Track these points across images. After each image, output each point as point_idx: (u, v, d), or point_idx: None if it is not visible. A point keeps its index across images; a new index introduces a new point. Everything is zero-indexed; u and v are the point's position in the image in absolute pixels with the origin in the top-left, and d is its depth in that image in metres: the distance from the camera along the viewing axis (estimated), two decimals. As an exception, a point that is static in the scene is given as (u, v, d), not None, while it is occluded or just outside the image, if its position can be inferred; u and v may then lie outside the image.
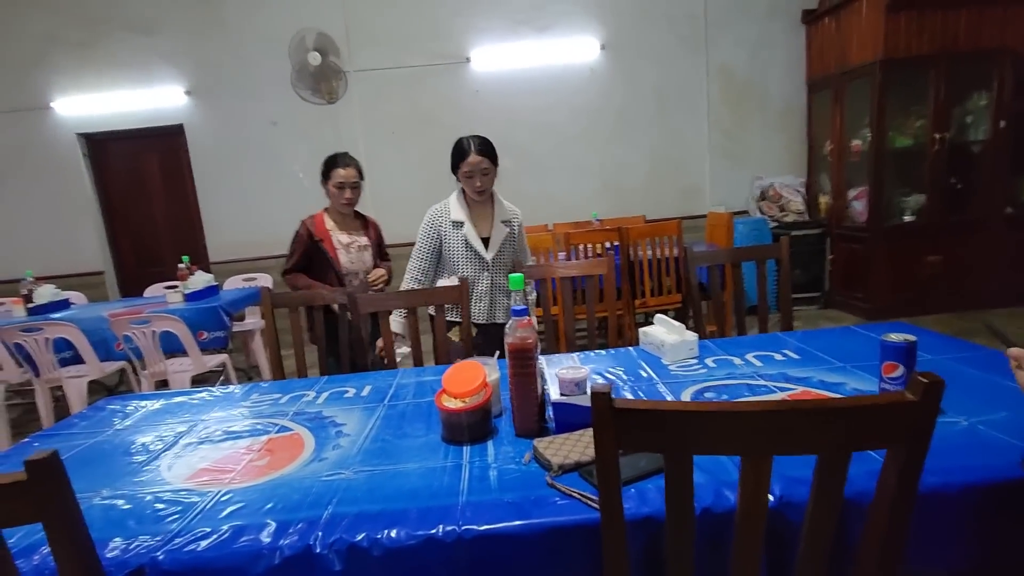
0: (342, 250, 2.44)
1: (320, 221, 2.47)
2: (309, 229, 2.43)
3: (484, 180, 2.05)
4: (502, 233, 2.12)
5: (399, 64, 4.83)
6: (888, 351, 1.08)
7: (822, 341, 1.54)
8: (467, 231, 2.09)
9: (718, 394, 1.23)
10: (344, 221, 2.52)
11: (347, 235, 2.48)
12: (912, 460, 0.65)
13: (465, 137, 2.07)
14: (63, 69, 4.75)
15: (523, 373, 1.10)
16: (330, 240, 2.43)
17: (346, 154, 2.49)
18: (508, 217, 2.15)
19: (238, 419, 1.36)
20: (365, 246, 2.52)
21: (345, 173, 2.40)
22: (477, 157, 2.01)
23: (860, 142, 4.40)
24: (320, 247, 2.40)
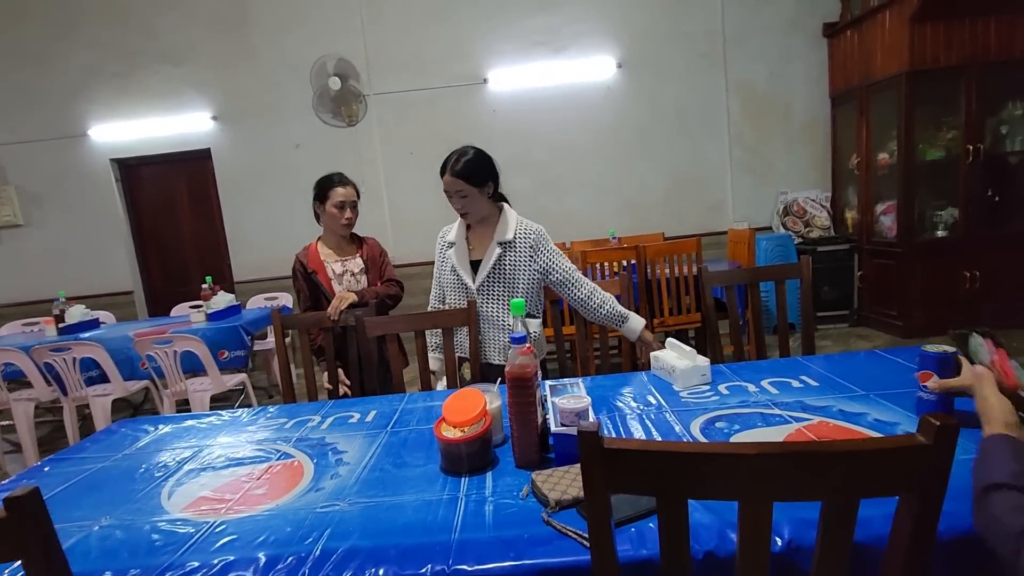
0: (335, 280, 2.28)
1: (314, 251, 2.32)
2: (302, 262, 2.28)
3: (464, 203, 1.81)
4: (493, 256, 1.82)
5: (417, 87, 4.91)
6: (926, 361, 1.10)
7: (844, 366, 1.47)
8: (452, 253, 1.90)
9: (729, 424, 1.18)
10: (341, 246, 2.34)
11: (341, 264, 2.31)
12: (926, 508, 0.60)
13: (450, 155, 1.83)
14: (100, 99, 4.96)
15: (523, 403, 1.07)
16: (324, 271, 2.27)
17: (341, 174, 2.33)
18: (508, 237, 1.82)
19: (242, 445, 1.36)
20: (360, 271, 2.33)
21: (345, 192, 2.24)
22: (449, 178, 1.79)
23: (888, 155, 4.28)
24: (314, 279, 2.26)
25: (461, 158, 1.79)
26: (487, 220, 1.88)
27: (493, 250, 1.83)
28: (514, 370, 1.07)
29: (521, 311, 1.19)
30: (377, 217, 5.05)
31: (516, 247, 1.84)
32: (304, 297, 2.30)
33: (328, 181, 2.27)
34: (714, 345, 1.95)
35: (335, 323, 2.03)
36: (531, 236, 1.84)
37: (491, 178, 1.83)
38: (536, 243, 1.84)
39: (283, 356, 1.99)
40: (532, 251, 1.84)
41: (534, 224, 1.88)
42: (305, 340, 1.98)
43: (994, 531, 0.68)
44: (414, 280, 5.08)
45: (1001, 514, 0.67)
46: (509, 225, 1.85)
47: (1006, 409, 0.85)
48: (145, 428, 1.56)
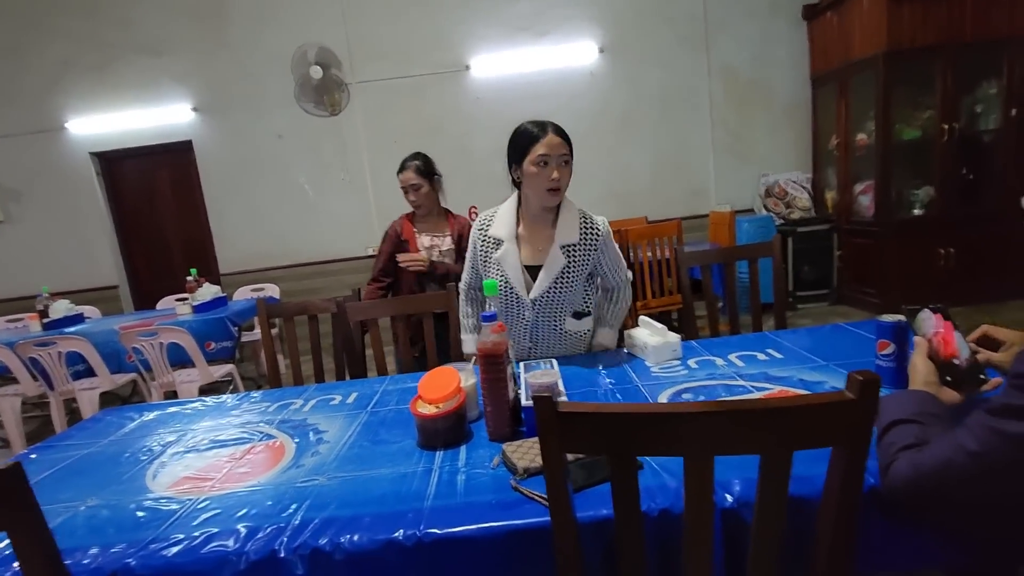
0: (423, 253, 2.32)
1: (408, 223, 2.40)
2: (397, 230, 2.38)
3: (563, 174, 1.47)
4: (556, 265, 1.50)
5: (400, 74, 4.89)
6: (882, 330, 1.18)
7: (809, 339, 1.53)
8: (503, 255, 1.53)
9: (695, 395, 1.23)
10: (428, 222, 2.39)
11: (430, 238, 2.37)
12: (854, 459, 0.64)
13: (532, 121, 1.52)
14: (77, 91, 4.89)
15: (494, 378, 1.11)
16: (415, 242, 2.34)
17: (412, 155, 2.35)
18: (572, 240, 1.51)
19: (225, 428, 1.39)
20: (448, 250, 2.35)
21: (404, 177, 2.32)
22: (556, 138, 1.46)
23: (866, 135, 4.34)
24: (406, 248, 2.32)
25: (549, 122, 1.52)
26: (548, 213, 1.56)
27: (556, 258, 1.51)
28: (486, 347, 1.11)
29: (494, 291, 1.23)
30: (362, 206, 5.05)
31: (580, 250, 1.53)
32: (384, 259, 2.35)
33: (400, 166, 2.34)
34: (690, 323, 2.00)
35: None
36: (600, 236, 1.55)
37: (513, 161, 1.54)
38: (604, 244, 1.56)
39: (268, 344, 2.02)
40: (598, 252, 1.56)
41: (599, 218, 1.57)
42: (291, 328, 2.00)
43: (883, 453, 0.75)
44: (401, 269, 5.10)
45: (894, 439, 0.74)
46: (573, 224, 1.53)
47: (928, 371, 0.95)
48: (130, 415, 1.59)
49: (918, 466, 0.70)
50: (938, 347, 1.01)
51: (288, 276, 4.96)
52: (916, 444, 0.73)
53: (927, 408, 0.82)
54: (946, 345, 1.01)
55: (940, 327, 1.06)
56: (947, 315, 1.09)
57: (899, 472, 0.72)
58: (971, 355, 0.99)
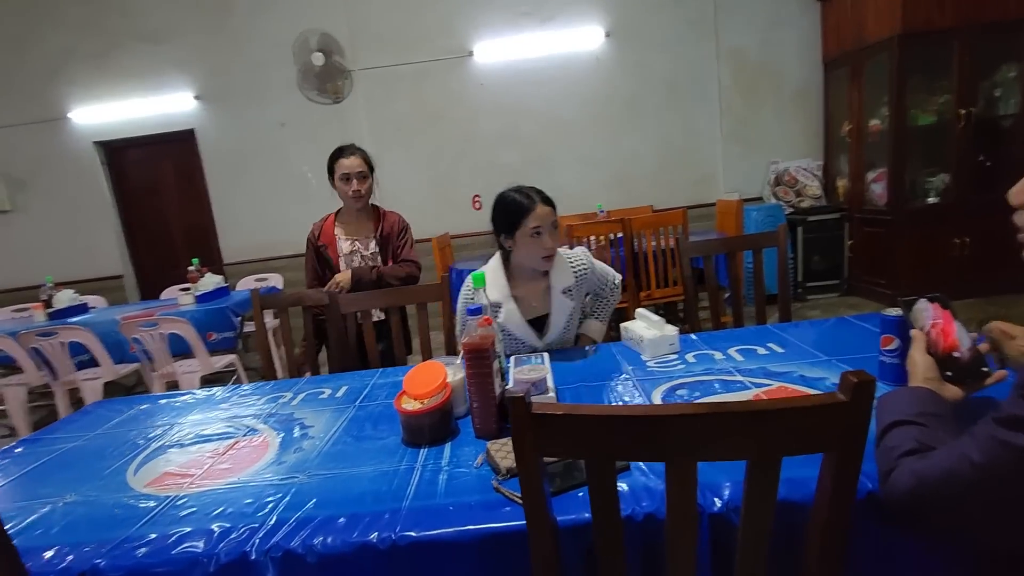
0: (343, 259, 2.20)
1: (329, 225, 2.26)
2: (315, 235, 2.25)
3: (555, 239, 1.51)
4: (564, 311, 1.57)
5: (402, 61, 4.82)
6: (886, 324, 1.10)
7: (812, 333, 1.47)
8: (506, 317, 1.55)
9: (690, 391, 1.19)
10: (356, 223, 2.25)
11: (350, 241, 2.23)
12: (847, 466, 0.60)
13: (514, 189, 1.55)
14: (79, 80, 4.88)
15: (481, 373, 1.07)
16: (334, 247, 2.21)
17: (351, 145, 2.23)
18: (568, 284, 1.56)
19: (212, 422, 1.37)
20: (372, 253, 2.22)
21: (349, 163, 2.15)
22: (545, 208, 1.50)
23: (879, 121, 4.22)
24: (324, 254, 2.20)
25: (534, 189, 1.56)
26: (532, 270, 1.58)
27: (561, 305, 1.57)
28: (472, 341, 1.07)
29: (482, 283, 1.19)
30: (365, 195, 5.00)
31: (579, 288, 1.60)
32: (311, 271, 2.24)
33: (336, 153, 2.20)
34: (692, 315, 1.95)
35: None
36: (587, 268, 1.61)
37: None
38: (591, 272, 1.63)
39: (262, 336, 1.99)
40: (588, 283, 1.64)
41: (576, 250, 1.65)
42: (285, 320, 1.98)
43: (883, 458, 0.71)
44: (404, 258, 5.08)
45: (895, 443, 0.70)
46: (564, 268, 1.58)
47: (928, 366, 0.89)
48: (120, 408, 1.58)
49: (920, 475, 0.65)
50: (937, 339, 0.95)
51: (291, 266, 4.94)
52: (918, 449, 0.69)
53: (928, 408, 0.77)
54: (945, 337, 0.96)
55: (939, 318, 1.01)
56: (946, 304, 1.03)
57: (900, 481, 0.67)
58: (972, 346, 0.93)
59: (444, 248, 3.83)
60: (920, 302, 1.05)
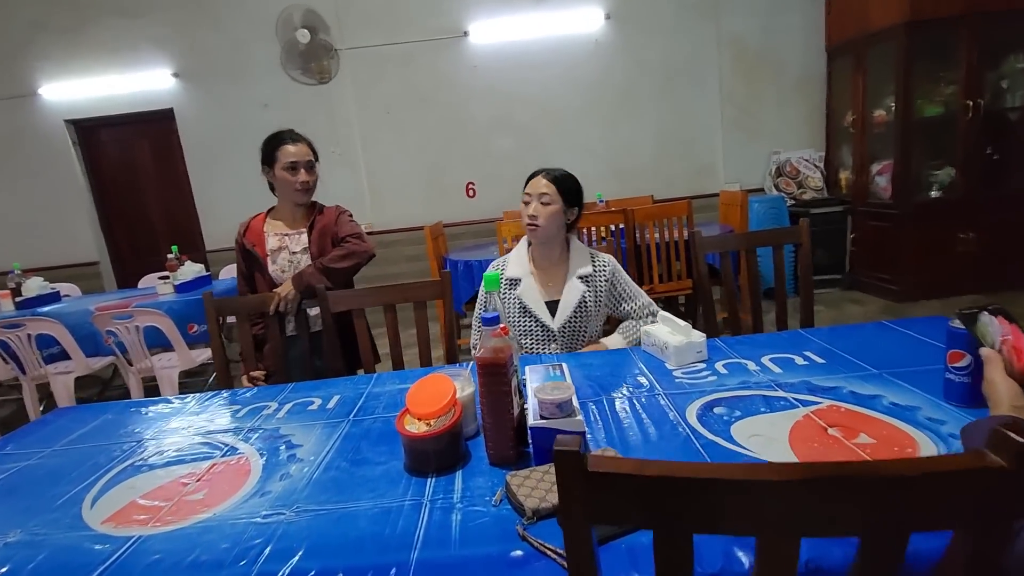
0: (270, 258, 1.91)
1: (258, 221, 1.96)
2: (241, 232, 1.95)
3: (542, 211, 1.58)
4: (576, 293, 1.60)
5: (392, 40, 4.61)
6: (955, 338, 0.97)
7: (851, 340, 1.35)
8: (523, 290, 1.63)
9: (729, 409, 1.06)
10: (294, 218, 1.96)
11: (278, 237, 1.93)
12: (989, 546, 0.47)
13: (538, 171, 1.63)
14: (50, 55, 4.60)
15: (496, 392, 0.93)
16: (263, 245, 1.91)
17: (292, 130, 1.94)
18: (586, 271, 1.63)
19: (187, 437, 1.22)
20: (302, 250, 1.92)
21: (297, 150, 1.85)
22: (543, 180, 1.60)
23: (884, 112, 4.11)
24: (253, 253, 1.90)
25: (561, 172, 1.64)
26: (551, 252, 1.66)
27: (574, 287, 1.62)
28: (486, 355, 0.93)
29: (496, 286, 1.05)
30: (354, 182, 4.82)
31: (595, 280, 1.64)
32: (240, 276, 1.97)
33: (275, 139, 1.89)
34: (709, 316, 1.83)
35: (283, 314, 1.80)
36: (608, 266, 1.66)
37: (578, 204, 1.65)
38: (613, 274, 1.66)
39: (217, 344, 1.76)
40: (609, 283, 1.65)
41: (606, 255, 1.70)
42: (246, 329, 1.77)
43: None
44: (394, 248, 4.90)
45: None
46: (584, 258, 1.66)
47: (1013, 392, 0.77)
48: (83, 418, 1.41)
49: None
50: (1010, 357, 0.83)
51: (276, 254, 4.75)
52: None
53: None
54: (1019, 356, 0.83)
55: (1008, 333, 0.89)
56: (1011, 317, 0.91)
57: None
58: None
59: (437, 238, 3.66)
60: (983, 315, 0.93)
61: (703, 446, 0.94)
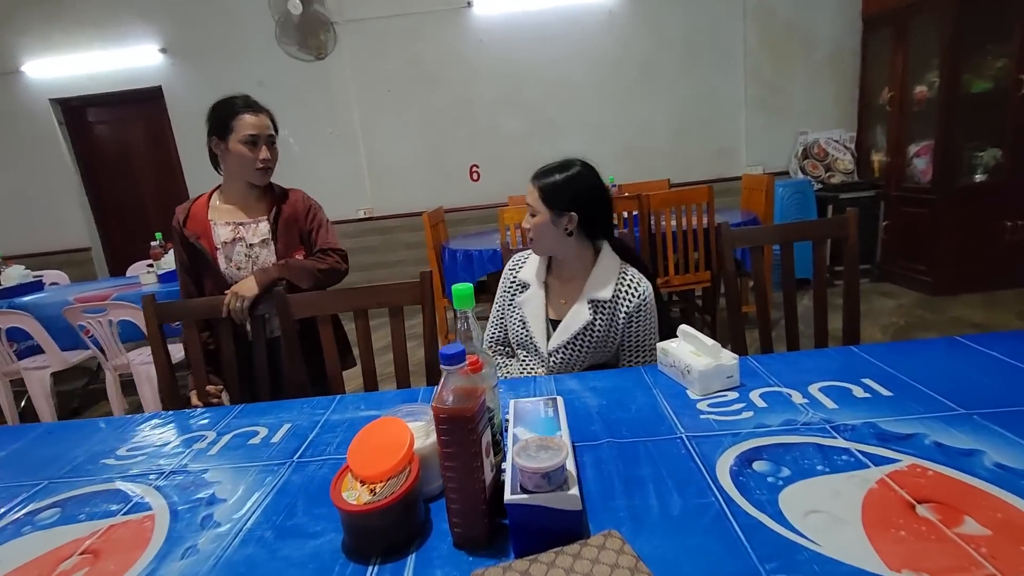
0: (221, 252, 1.60)
1: (199, 207, 1.62)
2: (179, 220, 1.61)
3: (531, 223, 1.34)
4: (579, 320, 1.33)
5: (393, 12, 4.31)
6: None
7: (918, 363, 1.08)
8: (526, 299, 1.41)
9: (775, 465, 0.80)
10: (246, 203, 1.64)
11: (233, 228, 1.61)
12: None
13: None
14: (32, 29, 4.38)
15: (462, 453, 0.68)
16: (209, 237, 1.59)
17: (247, 96, 1.58)
18: (603, 296, 1.33)
19: (96, 478, 0.99)
20: (263, 241, 1.62)
21: (257, 121, 1.54)
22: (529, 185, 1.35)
23: (926, 87, 3.76)
24: (198, 246, 1.59)
25: (556, 172, 1.32)
26: (570, 264, 1.39)
27: (581, 311, 1.34)
28: (447, 404, 0.68)
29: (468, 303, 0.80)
30: (353, 163, 4.57)
31: (610, 309, 1.34)
32: (184, 272, 1.64)
33: (228, 106, 1.54)
34: (737, 326, 1.56)
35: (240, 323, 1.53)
36: (634, 300, 1.33)
37: (576, 207, 1.30)
38: (637, 310, 1.34)
39: (161, 359, 1.48)
40: (628, 317, 1.34)
41: (643, 282, 1.36)
42: (192, 336, 1.50)
43: None
44: (394, 234, 4.66)
45: None
46: (608, 278, 1.35)
47: None
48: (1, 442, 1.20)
49: None
50: None
51: (271, 240, 4.54)
52: None
53: None
54: None
55: None
56: None
57: None
58: None
59: (437, 224, 3.41)
60: None
61: (743, 528, 0.69)
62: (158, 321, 1.46)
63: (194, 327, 1.49)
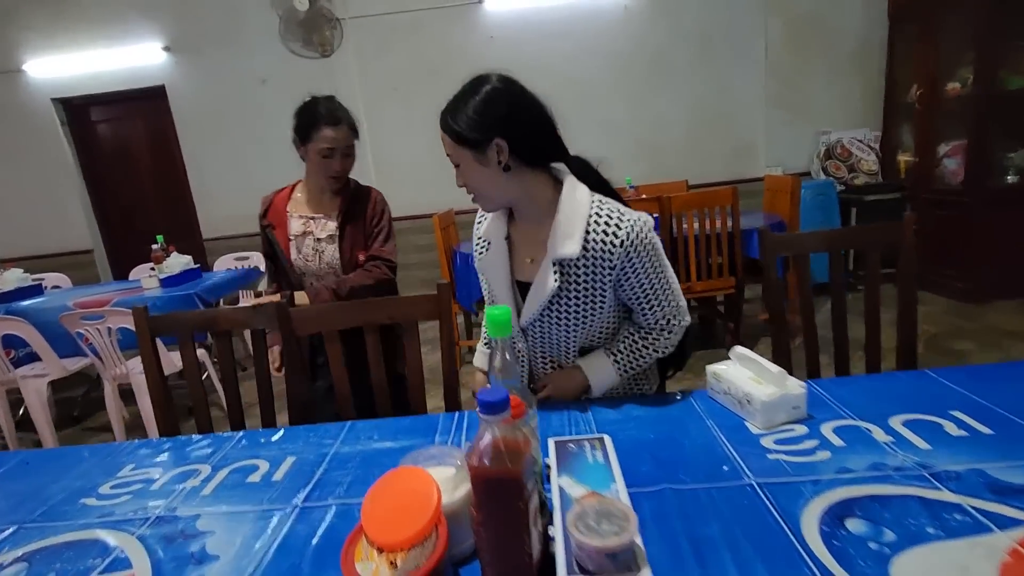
0: (294, 243, 1.67)
1: (281, 199, 1.72)
2: (263, 209, 1.73)
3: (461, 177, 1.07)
4: (545, 289, 1.03)
5: (401, 8, 4.19)
6: None
7: (1012, 392, 0.94)
8: (488, 262, 1.14)
9: (873, 525, 0.67)
10: (318, 198, 1.70)
11: (304, 222, 1.68)
12: None
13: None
14: (34, 27, 4.28)
15: (504, 525, 0.55)
16: (284, 227, 1.67)
17: (332, 101, 1.61)
18: (569, 254, 1.00)
19: (73, 522, 0.87)
20: (329, 237, 1.67)
21: (336, 135, 1.57)
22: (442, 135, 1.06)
23: (959, 84, 3.59)
24: (270, 236, 1.69)
25: (461, 100, 1.04)
26: (530, 209, 1.08)
27: (546, 278, 1.03)
28: (490, 466, 0.55)
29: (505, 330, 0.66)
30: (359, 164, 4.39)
31: (586, 269, 1.03)
32: (267, 257, 1.78)
33: (312, 116, 1.57)
34: (782, 343, 1.42)
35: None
36: (616, 250, 1.00)
37: (502, 130, 1.01)
38: (627, 260, 1.01)
39: (154, 374, 1.33)
40: (616, 274, 1.02)
41: (624, 217, 1.01)
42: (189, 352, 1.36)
43: None
44: (403, 237, 4.51)
45: None
46: (575, 225, 1.01)
47: None
48: (-31, 475, 1.08)
49: None
50: None
51: (277, 242, 4.43)
52: None
53: None
54: None
55: None
56: None
57: None
58: None
59: (447, 227, 3.29)
60: None
61: (854, 616, 0.55)
62: (151, 334, 1.33)
63: (190, 343, 1.36)
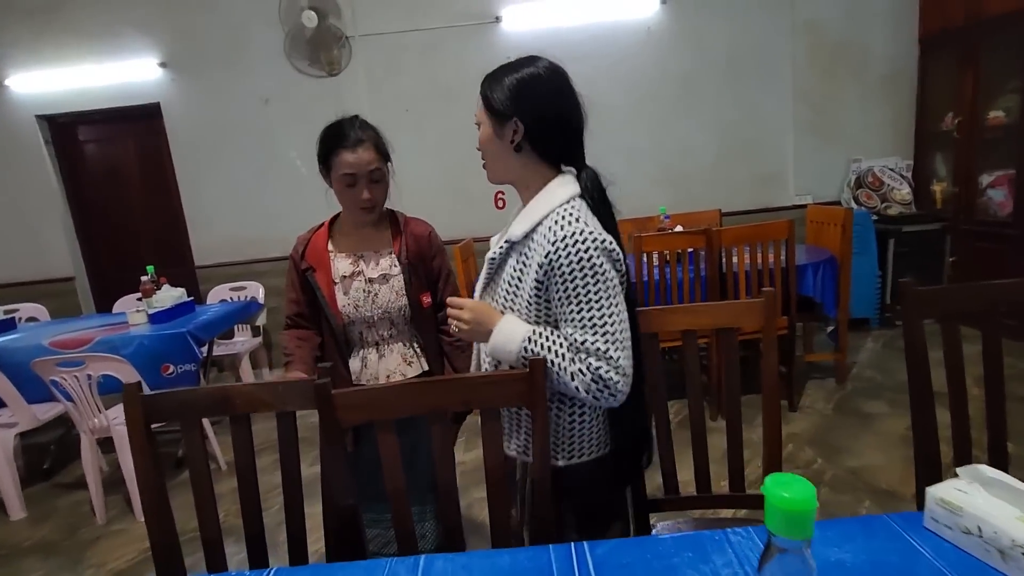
0: (340, 286, 1.45)
1: (322, 236, 1.50)
2: (298, 251, 1.49)
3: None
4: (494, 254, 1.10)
5: (413, 27, 3.98)
6: None
7: None
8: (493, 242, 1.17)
9: None
10: (361, 235, 1.49)
11: (354, 261, 1.46)
12: None
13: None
14: (18, 41, 4.00)
15: None
16: (326, 269, 1.45)
17: (355, 121, 1.42)
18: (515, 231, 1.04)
19: None
20: (382, 277, 1.45)
21: (356, 159, 1.36)
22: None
23: (1002, 113, 3.43)
24: (311, 280, 1.46)
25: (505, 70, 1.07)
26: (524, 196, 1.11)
27: (494, 246, 1.11)
28: None
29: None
30: (366, 189, 4.17)
31: (522, 252, 1.03)
32: (295, 299, 1.51)
33: (333, 135, 1.39)
34: (928, 425, 1.16)
35: None
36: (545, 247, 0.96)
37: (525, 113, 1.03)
38: (548, 263, 0.95)
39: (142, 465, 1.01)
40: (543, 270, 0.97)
41: (572, 225, 0.96)
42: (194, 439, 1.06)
43: None
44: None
45: None
46: (534, 213, 1.02)
47: None
48: None
49: None
50: None
51: (275, 271, 4.10)
52: None
53: None
54: None
55: None
56: None
57: None
58: None
59: (468, 259, 3.02)
60: None
61: None
62: (146, 420, 1.03)
63: (197, 428, 1.06)
